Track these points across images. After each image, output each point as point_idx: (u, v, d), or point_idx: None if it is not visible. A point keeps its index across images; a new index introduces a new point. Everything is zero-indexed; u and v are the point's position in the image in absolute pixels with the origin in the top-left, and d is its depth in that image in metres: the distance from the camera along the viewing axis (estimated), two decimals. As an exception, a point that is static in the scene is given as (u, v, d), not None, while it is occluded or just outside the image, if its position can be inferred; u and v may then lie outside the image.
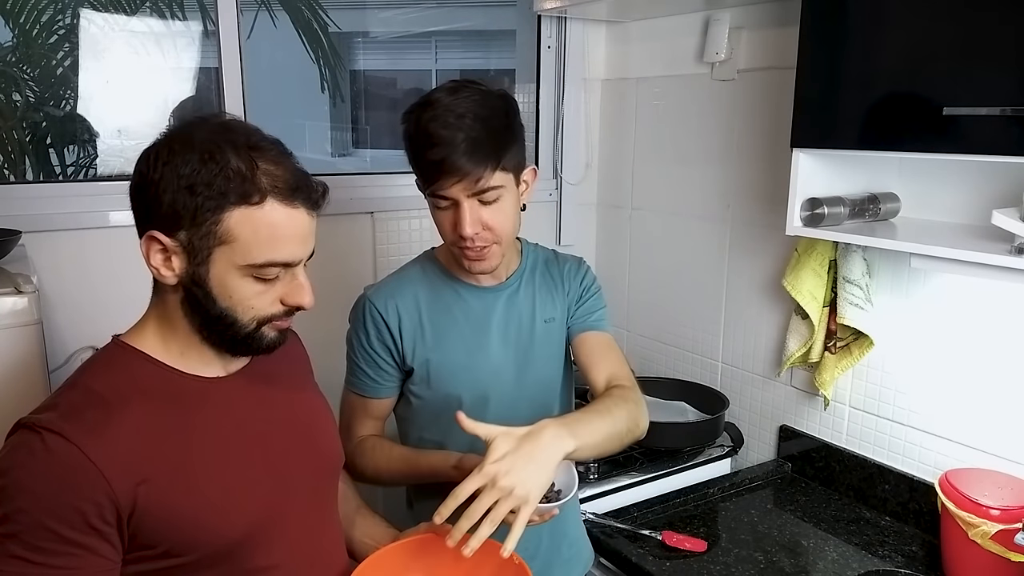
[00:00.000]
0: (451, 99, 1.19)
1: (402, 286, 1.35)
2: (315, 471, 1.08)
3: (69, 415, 0.86)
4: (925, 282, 1.55)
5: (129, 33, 2.01)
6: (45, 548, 0.82)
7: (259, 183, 0.88)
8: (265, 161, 0.90)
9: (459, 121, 1.17)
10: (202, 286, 0.91)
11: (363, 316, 1.33)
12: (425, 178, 1.22)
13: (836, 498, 1.71)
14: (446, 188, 1.20)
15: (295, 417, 1.08)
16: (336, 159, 3.66)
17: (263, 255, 0.90)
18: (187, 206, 0.87)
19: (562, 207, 2.31)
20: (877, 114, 1.31)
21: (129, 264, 1.00)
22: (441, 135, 1.17)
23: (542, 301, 1.39)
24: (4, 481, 0.83)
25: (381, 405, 1.38)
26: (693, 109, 2.02)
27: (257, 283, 0.92)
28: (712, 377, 2.03)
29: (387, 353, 1.33)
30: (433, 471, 1.27)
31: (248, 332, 0.94)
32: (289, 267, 0.94)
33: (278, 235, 0.90)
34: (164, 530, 0.88)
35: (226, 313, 0.92)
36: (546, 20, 2.22)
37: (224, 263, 0.90)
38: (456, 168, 1.17)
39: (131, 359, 0.94)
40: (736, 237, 1.94)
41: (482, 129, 1.18)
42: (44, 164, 2.03)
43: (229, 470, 0.95)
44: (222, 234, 0.88)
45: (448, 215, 1.23)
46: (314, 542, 1.05)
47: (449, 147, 1.16)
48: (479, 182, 1.19)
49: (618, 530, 1.56)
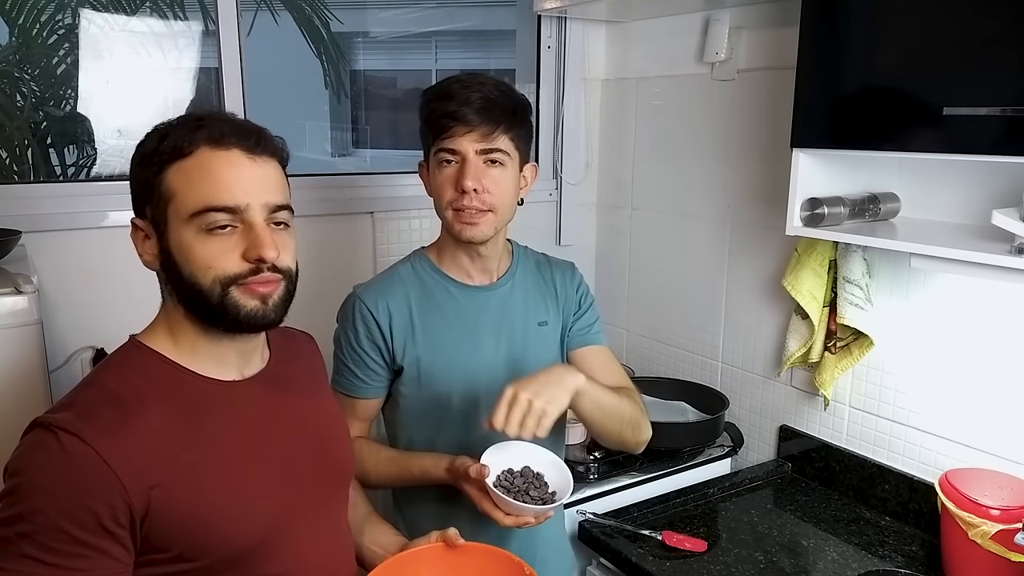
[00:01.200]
0: (470, 76, 1.27)
1: (393, 285, 1.34)
2: (327, 478, 1.07)
3: (85, 415, 0.85)
4: (925, 282, 1.55)
5: (129, 33, 2.02)
6: (58, 549, 0.81)
7: (192, 137, 0.90)
8: (211, 122, 0.91)
9: (478, 85, 1.24)
10: (168, 257, 0.91)
11: (352, 314, 1.32)
12: (436, 130, 1.25)
13: (836, 498, 1.71)
14: (456, 138, 1.23)
15: (309, 424, 1.07)
16: (336, 159, 3.66)
17: (200, 200, 0.88)
18: (140, 180, 0.92)
19: (562, 207, 2.31)
20: (877, 114, 1.31)
21: (129, 264, 1.00)
22: (458, 91, 1.23)
23: (534, 303, 1.39)
24: (20, 480, 0.83)
25: (368, 406, 1.36)
26: (693, 109, 2.02)
27: (211, 239, 0.89)
28: (712, 377, 2.03)
29: (376, 352, 1.32)
30: (424, 473, 1.27)
31: (217, 298, 0.90)
32: (236, 214, 0.89)
33: (212, 178, 0.89)
34: (177, 534, 0.87)
35: (191, 279, 0.90)
36: (546, 20, 2.22)
37: (175, 223, 0.90)
38: (468, 119, 1.22)
39: (147, 359, 0.94)
40: (736, 237, 1.94)
41: (499, 95, 1.25)
42: (45, 164, 2.04)
43: (243, 476, 0.94)
44: (165, 193, 0.90)
45: (451, 172, 1.26)
46: (324, 550, 1.04)
47: (465, 101, 1.22)
48: (488, 138, 1.23)
49: (618, 530, 1.56)
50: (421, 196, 2.04)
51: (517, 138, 1.27)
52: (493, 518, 1.16)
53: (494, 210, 1.26)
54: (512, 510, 1.16)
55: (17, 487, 0.83)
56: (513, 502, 1.14)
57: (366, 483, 1.33)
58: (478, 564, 1.09)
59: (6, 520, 0.82)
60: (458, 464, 1.21)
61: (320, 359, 1.19)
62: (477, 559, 1.10)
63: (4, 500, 0.84)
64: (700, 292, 2.05)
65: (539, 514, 1.17)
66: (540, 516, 1.17)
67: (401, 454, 1.33)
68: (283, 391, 1.04)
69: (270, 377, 1.03)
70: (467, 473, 1.17)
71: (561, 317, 1.41)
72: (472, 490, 1.19)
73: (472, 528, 1.24)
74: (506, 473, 1.20)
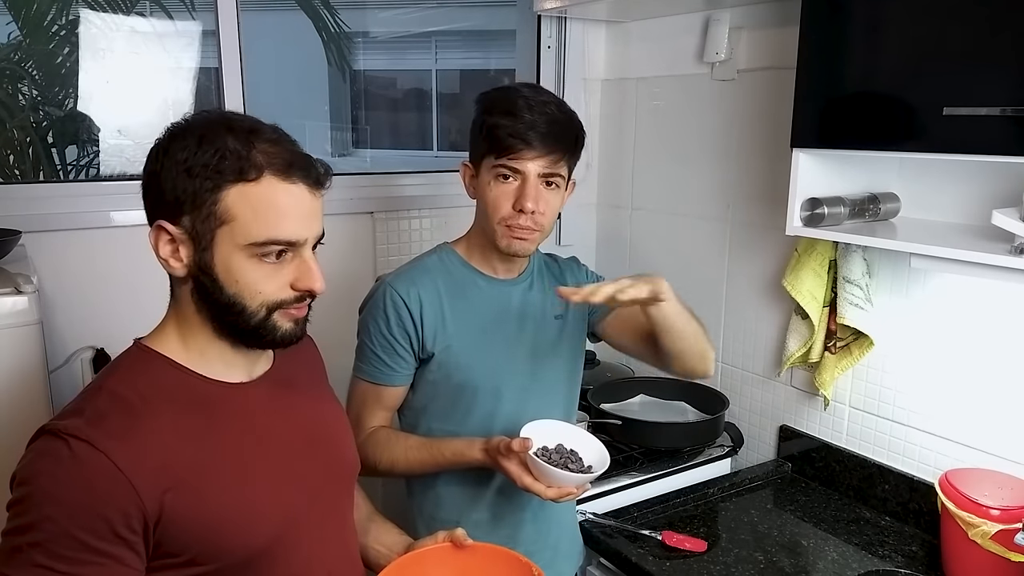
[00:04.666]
0: (533, 93, 1.28)
1: (422, 274, 1.35)
2: (333, 479, 1.07)
3: (95, 421, 0.84)
4: (925, 282, 1.55)
5: (129, 32, 2.02)
6: (70, 557, 0.80)
7: (255, 160, 0.88)
8: (262, 141, 0.90)
9: (545, 106, 1.25)
10: (209, 273, 0.90)
11: (383, 302, 1.33)
12: (501, 147, 1.25)
13: (836, 498, 1.71)
14: (524, 160, 1.24)
15: (315, 424, 1.07)
16: (336, 159, 3.66)
17: (263, 232, 0.88)
18: (187, 189, 0.87)
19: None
20: (877, 114, 1.31)
21: (130, 264, 1.00)
22: (525, 109, 1.24)
23: (552, 298, 1.42)
24: (29, 489, 0.82)
25: (394, 394, 1.37)
26: (693, 109, 2.02)
27: (263, 265, 0.90)
28: (712, 377, 2.03)
29: (406, 340, 1.32)
30: (457, 455, 1.28)
31: (259, 320, 0.92)
32: (294, 247, 0.91)
33: (277, 211, 0.89)
34: (189, 539, 0.87)
35: (234, 300, 0.90)
36: (546, 20, 2.22)
37: (227, 245, 0.89)
38: (539, 143, 1.23)
39: (154, 364, 0.93)
40: (736, 237, 1.94)
41: (565, 120, 1.27)
42: (46, 163, 2.04)
43: (253, 478, 0.94)
44: (222, 214, 0.87)
45: (509, 189, 1.27)
46: (332, 550, 1.04)
47: (533, 125, 1.23)
48: (554, 164, 1.25)
49: (618, 530, 1.56)
50: (421, 196, 2.06)
51: (571, 162, 1.31)
52: (534, 491, 1.19)
53: (542, 229, 1.30)
54: (554, 481, 1.18)
55: (27, 496, 0.82)
56: (556, 470, 1.17)
57: (393, 471, 1.34)
58: (486, 564, 1.09)
59: (16, 530, 0.81)
60: (495, 442, 1.22)
61: (320, 359, 1.19)
62: (485, 559, 1.09)
63: (13, 509, 0.83)
64: (700, 292, 2.05)
65: (580, 484, 1.21)
66: (580, 488, 1.21)
67: (431, 439, 1.34)
68: (289, 392, 1.04)
69: (276, 378, 1.03)
70: (507, 448, 1.19)
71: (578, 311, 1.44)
72: (512, 466, 1.20)
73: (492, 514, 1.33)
74: (542, 450, 1.24)
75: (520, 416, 1.29)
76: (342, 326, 1.41)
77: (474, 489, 1.37)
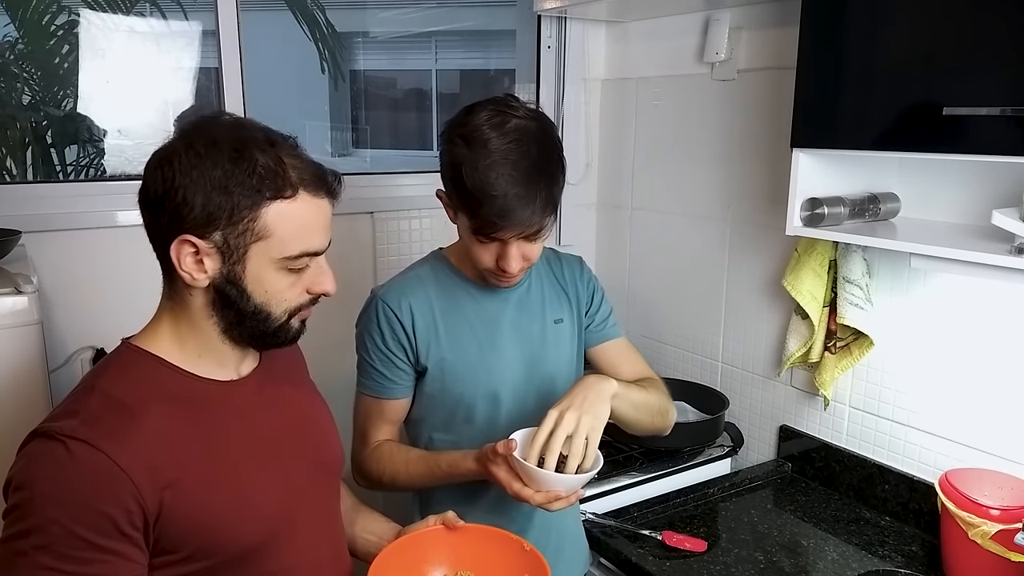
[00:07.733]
0: (502, 141, 1.16)
1: (413, 285, 1.34)
2: (321, 471, 1.08)
3: (91, 421, 0.85)
4: (925, 282, 1.55)
5: (129, 33, 2.02)
6: (76, 557, 0.81)
7: (290, 177, 0.91)
8: (286, 155, 0.92)
9: (518, 173, 1.15)
10: (236, 284, 0.92)
11: (376, 316, 1.32)
12: (481, 226, 1.19)
13: (836, 498, 1.71)
14: (503, 235, 1.20)
15: (301, 417, 1.08)
16: (336, 159, 3.66)
17: (298, 246, 0.93)
18: (223, 206, 0.88)
19: (562, 207, 2.29)
20: (877, 114, 1.31)
21: (130, 264, 1.01)
22: (501, 188, 1.15)
23: (550, 301, 1.41)
24: (28, 493, 0.82)
25: (397, 407, 1.36)
26: (693, 109, 2.02)
27: (289, 275, 0.94)
28: (712, 377, 2.03)
29: (402, 352, 1.32)
30: (452, 466, 1.27)
31: (280, 324, 0.96)
32: (316, 255, 0.96)
33: (309, 226, 0.93)
34: (187, 535, 0.88)
35: (261, 308, 0.94)
36: (546, 20, 2.22)
37: (261, 258, 0.91)
38: (518, 222, 1.18)
39: (146, 363, 0.94)
40: (736, 237, 1.94)
41: (542, 181, 1.18)
42: (46, 163, 2.04)
43: (248, 473, 0.95)
44: (260, 230, 0.90)
45: (490, 250, 1.23)
46: (322, 542, 1.05)
47: (512, 202, 1.15)
48: (537, 231, 1.22)
49: (618, 530, 1.56)
50: (421, 196, 2.06)
51: (555, 208, 1.24)
52: (523, 497, 1.14)
53: (530, 266, 1.29)
54: (541, 484, 1.14)
55: (27, 500, 0.82)
56: (541, 472, 1.12)
57: (395, 485, 1.33)
58: (478, 544, 1.12)
59: (18, 534, 0.81)
60: (485, 449, 1.20)
61: (301, 354, 1.20)
62: (477, 539, 1.12)
63: (12, 515, 0.83)
64: (700, 292, 2.05)
65: (569, 490, 1.16)
66: (571, 494, 1.16)
67: (429, 452, 1.34)
68: (275, 387, 1.06)
69: (264, 374, 1.05)
70: (494, 453, 1.16)
71: (575, 313, 1.43)
72: (500, 472, 1.17)
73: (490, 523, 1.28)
74: None
75: (522, 421, 1.28)
76: (341, 327, 1.41)
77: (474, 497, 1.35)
